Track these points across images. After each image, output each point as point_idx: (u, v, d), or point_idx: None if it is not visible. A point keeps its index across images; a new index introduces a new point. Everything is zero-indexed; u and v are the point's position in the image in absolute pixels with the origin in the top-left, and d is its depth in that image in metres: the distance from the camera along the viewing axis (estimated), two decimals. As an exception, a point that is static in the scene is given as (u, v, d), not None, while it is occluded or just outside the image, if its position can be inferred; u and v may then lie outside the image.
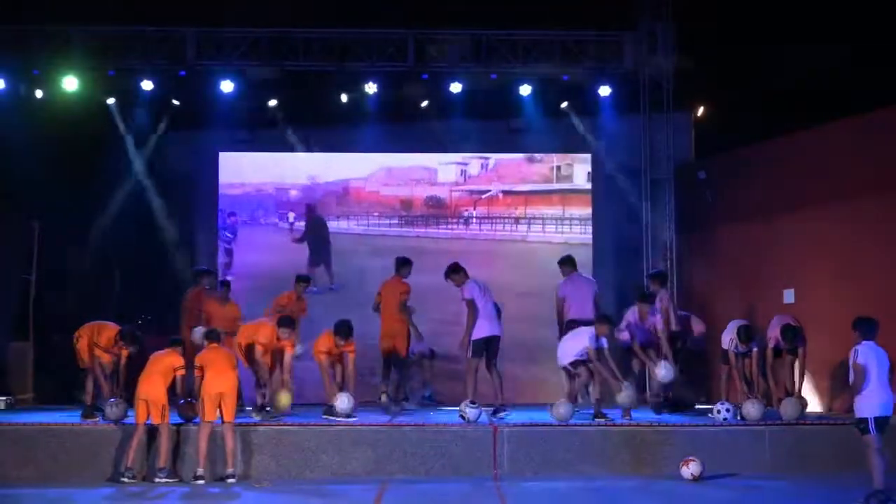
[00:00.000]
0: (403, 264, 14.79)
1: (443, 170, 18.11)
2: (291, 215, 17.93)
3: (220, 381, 12.36)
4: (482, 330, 13.64)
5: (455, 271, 13.93)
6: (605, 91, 16.49)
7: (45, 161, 16.30)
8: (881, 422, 10.77)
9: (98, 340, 13.37)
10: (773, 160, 15.60)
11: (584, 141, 17.56)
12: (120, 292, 16.75)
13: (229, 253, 17.76)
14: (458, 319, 14.06)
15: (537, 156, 17.99)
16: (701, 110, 16.78)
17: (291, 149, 17.73)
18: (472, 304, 13.64)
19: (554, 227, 17.95)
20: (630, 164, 16.91)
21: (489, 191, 18.04)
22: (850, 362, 10.82)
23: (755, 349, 13.86)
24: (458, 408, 13.40)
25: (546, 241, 17.81)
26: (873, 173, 14.22)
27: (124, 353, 13.35)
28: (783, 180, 15.42)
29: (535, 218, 18.00)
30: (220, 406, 12.27)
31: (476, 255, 16.81)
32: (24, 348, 15.94)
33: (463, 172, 18.11)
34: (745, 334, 13.80)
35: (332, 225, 17.96)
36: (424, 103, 16.86)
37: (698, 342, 15.11)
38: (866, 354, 10.77)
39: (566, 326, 14.39)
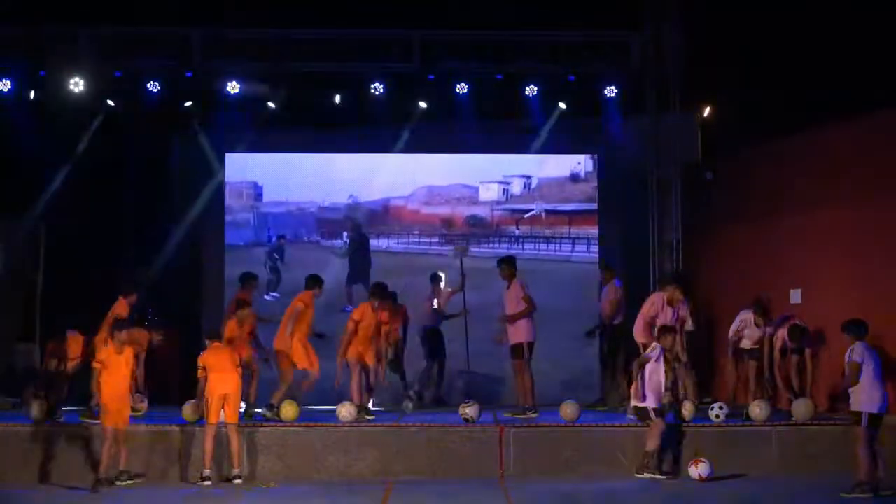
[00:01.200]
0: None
1: (484, 189, 18.00)
2: (345, 234, 17.92)
3: (223, 382, 12.37)
4: (532, 334, 13.82)
5: (510, 263, 13.97)
6: (611, 91, 16.45)
7: (51, 163, 16.35)
8: (874, 418, 11.24)
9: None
10: (779, 160, 15.56)
11: (590, 142, 17.51)
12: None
13: (275, 271, 17.70)
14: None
15: (581, 174, 17.92)
16: (707, 110, 16.73)
17: (297, 150, 17.73)
18: (530, 303, 13.76)
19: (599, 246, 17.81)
20: (637, 165, 16.86)
21: (531, 210, 17.96)
22: (847, 361, 11.37)
23: (807, 349, 13.87)
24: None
25: (591, 260, 17.66)
26: (881, 173, 14.16)
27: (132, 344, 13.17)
28: (790, 180, 15.38)
29: (579, 237, 17.91)
30: (223, 407, 12.30)
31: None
32: (30, 349, 15.96)
33: (505, 191, 18.00)
34: (798, 334, 13.74)
35: (373, 243, 17.94)
36: (429, 105, 16.83)
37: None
38: (861, 353, 11.30)
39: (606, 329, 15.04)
